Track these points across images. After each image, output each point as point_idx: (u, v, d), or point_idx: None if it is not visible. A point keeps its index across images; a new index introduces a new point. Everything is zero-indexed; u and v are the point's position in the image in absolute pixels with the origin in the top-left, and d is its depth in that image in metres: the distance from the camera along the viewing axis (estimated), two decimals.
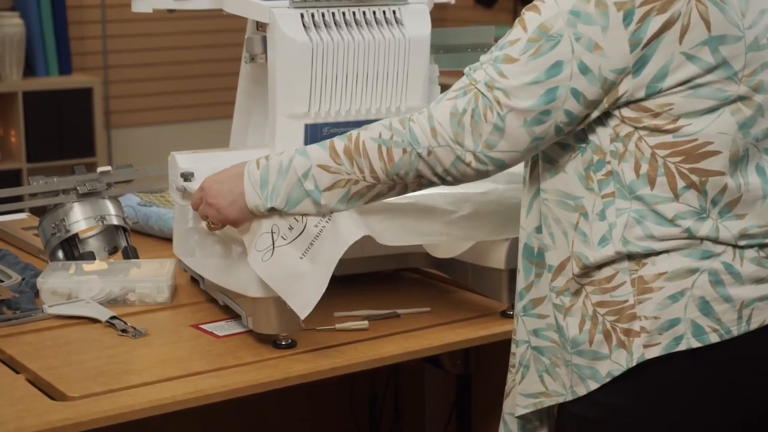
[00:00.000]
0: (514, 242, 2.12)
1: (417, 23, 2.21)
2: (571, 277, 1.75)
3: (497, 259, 2.17)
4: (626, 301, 1.71)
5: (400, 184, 1.82)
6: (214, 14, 2.34)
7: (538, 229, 1.81)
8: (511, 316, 2.17)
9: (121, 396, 1.82)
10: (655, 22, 1.65)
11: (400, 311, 2.19)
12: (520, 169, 1.86)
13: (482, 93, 1.72)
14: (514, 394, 1.87)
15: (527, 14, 1.72)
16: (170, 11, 2.29)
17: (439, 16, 5.49)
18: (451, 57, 2.37)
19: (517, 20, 1.73)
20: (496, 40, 2.36)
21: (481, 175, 1.77)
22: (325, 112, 2.17)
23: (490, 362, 2.49)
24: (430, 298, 2.28)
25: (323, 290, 1.91)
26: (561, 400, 1.80)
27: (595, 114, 1.71)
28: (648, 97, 1.68)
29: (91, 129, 5.08)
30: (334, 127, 2.19)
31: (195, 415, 1.98)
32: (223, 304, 2.17)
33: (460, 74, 1.79)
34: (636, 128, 1.69)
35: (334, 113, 2.18)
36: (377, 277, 2.35)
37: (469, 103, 1.73)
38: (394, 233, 2.03)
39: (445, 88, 1.86)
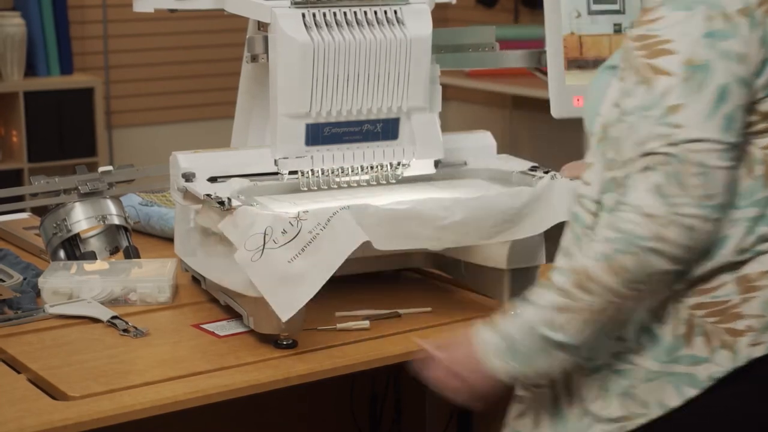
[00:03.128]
0: (516, 242, 2.12)
1: (418, 23, 2.21)
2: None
3: (498, 259, 2.17)
4: (729, 300, 1.67)
5: (644, 291, 1.66)
6: (215, 14, 2.34)
7: None
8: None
9: (122, 396, 1.82)
10: None
11: (401, 311, 2.19)
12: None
13: (669, 155, 1.62)
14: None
15: (658, 60, 1.64)
16: (171, 11, 2.29)
17: (440, 16, 5.48)
18: (452, 57, 2.37)
19: (641, 77, 1.65)
20: (497, 40, 2.37)
21: (713, 233, 1.65)
22: (326, 112, 2.17)
23: None
24: (431, 298, 2.28)
25: (311, 295, 1.91)
26: (644, 420, 1.71)
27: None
28: (763, 99, 1.67)
29: (92, 129, 5.07)
30: (335, 127, 2.19)
31: (196, 415, 1.98)
32: (224, 304, 2.17)
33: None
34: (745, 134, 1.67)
35: (335, 113, 2.18)
36: (378, 277, 2.35)
37: (663, 171, 1.62)
38: (386, 238, 2.02)
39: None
